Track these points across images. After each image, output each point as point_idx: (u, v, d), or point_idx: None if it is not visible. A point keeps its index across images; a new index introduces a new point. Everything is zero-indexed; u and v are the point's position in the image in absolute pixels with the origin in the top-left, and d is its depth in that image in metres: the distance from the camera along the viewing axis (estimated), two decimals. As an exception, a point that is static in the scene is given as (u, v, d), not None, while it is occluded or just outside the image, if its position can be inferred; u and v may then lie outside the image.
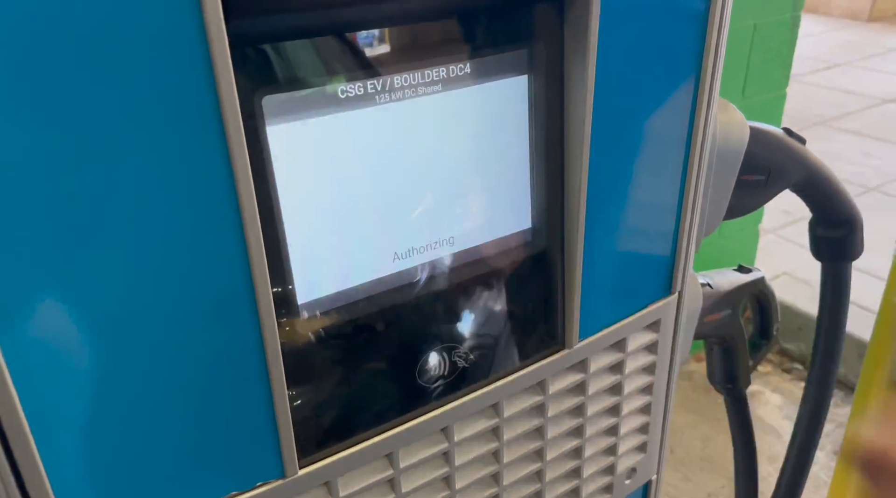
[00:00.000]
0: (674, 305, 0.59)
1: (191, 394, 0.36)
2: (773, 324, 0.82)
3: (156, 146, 0.31)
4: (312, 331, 0.40)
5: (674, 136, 0.51)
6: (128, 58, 0.29)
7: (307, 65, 0.36)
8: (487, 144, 0.44)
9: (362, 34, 0.37)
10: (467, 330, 0.47)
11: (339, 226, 0.40)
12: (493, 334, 0.48)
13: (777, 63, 1.66)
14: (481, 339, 0.48)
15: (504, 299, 0.48)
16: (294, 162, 0.37)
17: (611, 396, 0.57)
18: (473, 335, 0.47)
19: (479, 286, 0.47)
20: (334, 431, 0.43)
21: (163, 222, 0.32)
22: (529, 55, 0.43)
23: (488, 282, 0.47)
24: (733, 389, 0.82)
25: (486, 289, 0.47)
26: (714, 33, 0.48)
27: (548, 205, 0.47)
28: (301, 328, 0.40)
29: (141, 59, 0.29)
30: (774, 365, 2.02)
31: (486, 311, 0.48)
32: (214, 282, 0.35)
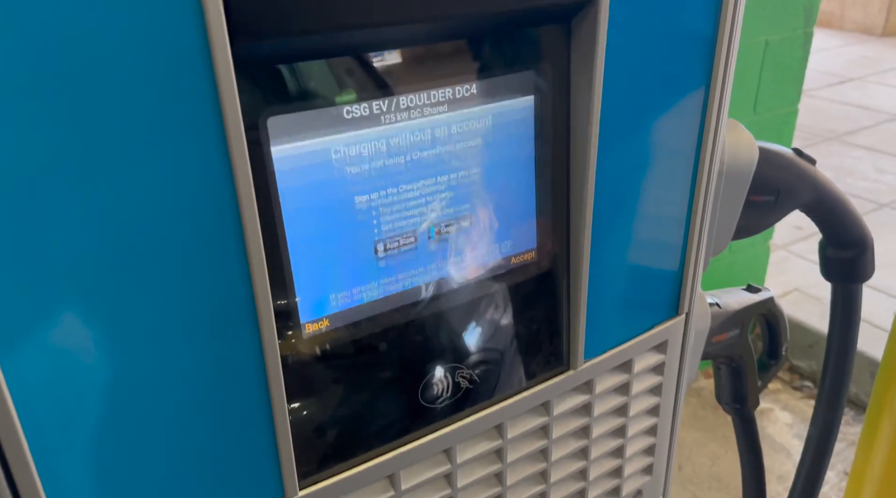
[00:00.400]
0: (681, 325, 0.58)
1: (190, 413, 0.36)
2: (783, 344, 0.81)
3: (160, 166, 0.31)
4: (314, 349, 0.40)
5: (681, 157, 0.51)
6: (133, 78, 0.29)
7: (313, 86, 0.36)
8: (493, 164, 0.43)
9: (368, 55, 0.37)
10: (471, 350, 0.46)
11: (342, 245, 0.40)
12: (497, 355, 0.48)
13: (789, 79, 1.65)
14: (485, 359, 0.47)
15: (508, 320, 0.48)
16: (298, 181, 0.37)
17: (616, 418, 0.57)
18: (477, 355, 0.47)
19: (483, 306, 0.46)
20: (335, 452, 0.42)
21: (165, 241, 0.32)
22: (535, 76, 0.43)
23: (492, 302, 0.47)
24: (741, 410, 0.81)
25: (491, 309, 0.47)
26: (722, 54, 0.48)
27: (553, 225, 0.47)
28: (303, 347, 0.40)
29: (146, 80, 0.30)
30: (785, 383, 2.00)
31: (491, 331, 0.47)
32: (216, 300, 0.34)
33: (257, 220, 0.34)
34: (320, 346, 0.41)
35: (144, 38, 0.29)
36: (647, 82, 0.46)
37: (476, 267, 0.45)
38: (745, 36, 1.50)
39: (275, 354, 0.37)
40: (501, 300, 0.47)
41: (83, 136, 0.29)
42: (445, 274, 0.44)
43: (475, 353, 0.47)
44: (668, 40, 0.45)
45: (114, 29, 0.28)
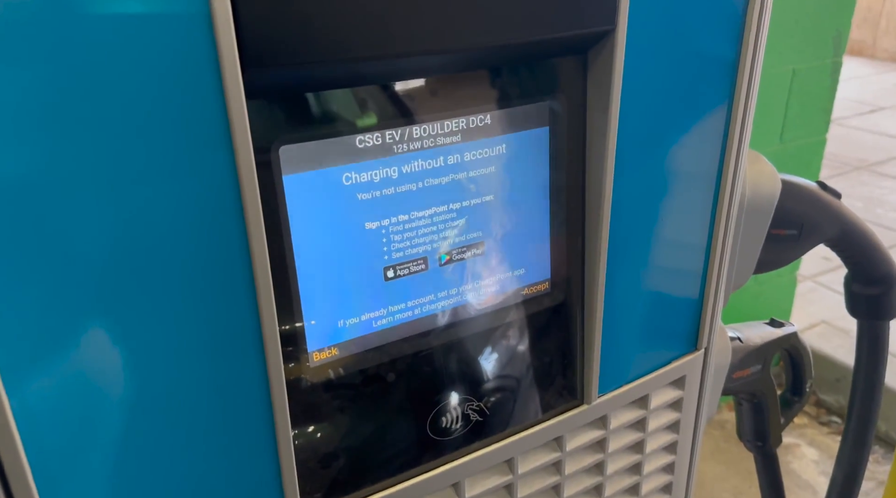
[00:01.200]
0: (700, 361, 0.57)
1: (193, 439, 0.36)
2: (807, 380, 0.79)
3: (170, 190, 0.31)
4: (322, 379, 0.40)
5: (701, 189, 0.50)
6: (144, 104, 0.29)
7: (325, 115, 0.36)
8: (506, 193, 0.43)
9: (382, 86, 0.37)
10: (482, 382, 0.46)
11: (353, 275, 0.39)
12: (508, 388, 0.47)
13: (817, 108, 1.63)
14: (496, 391, 0.46)
15: (521, 352, 0.47)
16: (309, 207, 0.37)
17: (632, 454, 0.55)
18: (488, 388, 0.46)
19: (494, 337, 0.46)
20: (341, 482, 0.42)
21: (171, 265, 0.32)
22: (551, 107, 0.43)
23: (505, 334, 0.46)
24: (763, 447, 0.79)
25: (503, 341, 0.46)
26: (744, 83, 0.47)
27: (568, 257, 0.46)
28: (310, 376, 0.39)
29: (157, 107, 0.30)
30: (811, 417, 1.96)
31: (502, 363, 0.46)
32: (221, 327, 0.34)
33: (265, 246, 0.33)
34: (328, 375, 0.40)
35: (156, 65, 0.29)
36: (665, 113, 0.45)
37: (488, 297, 0.44)
38: (772, 65, 1.49)
39: (280, 382, 0.36)
40: (514, 331, 0.46)
41: (92, 160, 0.29)
42: (456, 303, 0.43)
43: (486, 385, 0.46)
44: (687, 71, 0.45)
45: (126, 55, 0.28)
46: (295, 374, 0.39)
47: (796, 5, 1.46)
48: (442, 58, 0.36)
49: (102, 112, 0.29)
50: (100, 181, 0.30)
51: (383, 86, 0.37)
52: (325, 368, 0.40)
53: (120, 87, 0.29)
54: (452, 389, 0.44)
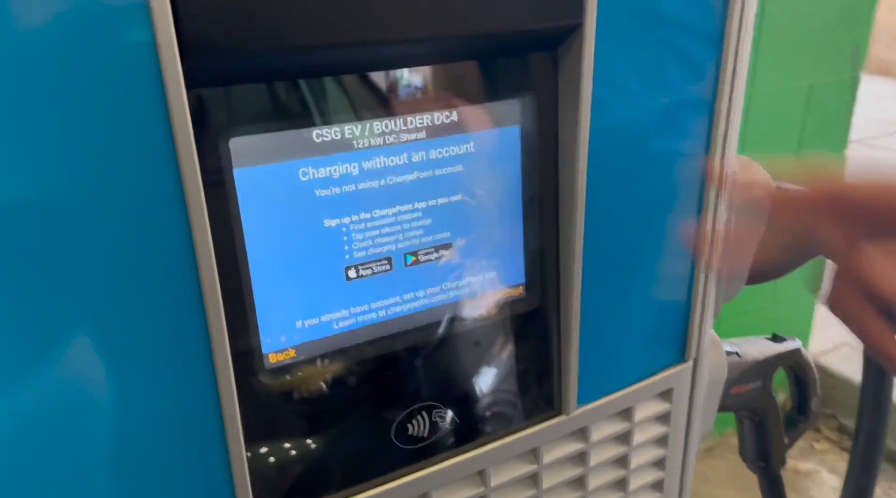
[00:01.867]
0: (688, 373, 0.55)
1: (136, 445, 0.35)
2: (812, 398, 0.76)
3: (110, 184, 0.30)
4: (278, 383, 0.39)
5: (682, 194, 0.48)
6: (82, 94, 0.29)
7: (278, 107, 0.35)
8: (476, 195, 0.42)
9: (341, 78, 0.36)
10: (451, 389, 0.44)
11: (311, 274, 0.38)
12: (480, 396, 0.45)
13: (834, 125, 1.60)
14: (467, 399, 0.45)
15: (494, 359, 0.46)
16: (263, 202, 0.36)
17: (616, 469, 0.53)
18: (457, 395, 0.44)
19: (465, 343, 0.44)
20: (299, 492, 0.40)
21: (110, 257, 0.31)
22: (522, 106, 0.42)
23: (477, 339, 0.45)
24: (766, 468, 0.76)
25: (474, 347, 0.45)
26: (727, 81, 0.46)
27: (542, 260, 0.45)
28: (265, 379, 0.38)
29: (95, 98, 0.29)
30: (832, 443, 1.90)
31: (473, 370, 0.45)
32: (165, 324, 0.33)
33: (209, 240, 0.32)
34: (284, 379, 0.39)
35: (93, 53, 0.28)
36: (641, 112, 0.44)
37: (458, 301, 0.43)
38: (787, 79, 1.47)
39: (229, 382, 0.35)
40: (486, 337, 0.45)
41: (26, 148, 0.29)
42: (424, 306, 0.42)
43: (455, 392, 0.44)
44: (663, 69, 0.43)
45: (63, 44, 0.28)
46: (248, 375, 0.37)
47: (812, 18, 1.43)
48: (396, 49, 0.35)
49: (37, 98, 0.28)
50: (35, 171, 0.29)
51: (341, 78, 0.36)
52: (282, 371, 0.39)
53: (57, 75, 0.28)
54: (419, 396, 0.43)
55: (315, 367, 0.40)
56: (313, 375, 0.40)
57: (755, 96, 1.43)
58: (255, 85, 0.34)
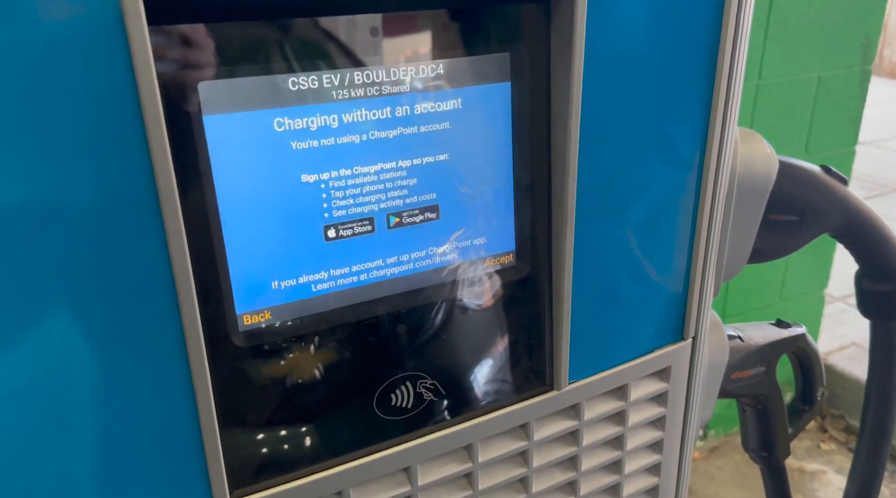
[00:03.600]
0: (686, 352, 0.53)
1: (102, 411, 0.33)
2: (818, 387, 0.73)
3: (68, 127, 0.29)
4: (251, 345, 0.37)
5: (680, 163, 0.46)
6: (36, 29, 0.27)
7: (251, 50, 0.33)
8: (464, 154, 0.40)
9: (318, 20, 0.34)
10: (436, 359, 0.42)
11: (288, 232, 0.36)
12: (467, 366, 0.43)
13: (844, 118, 1.57)
14: (453, 370, 0.43)
15: (482, 329, 0.44)
16: (236, 156, 0.34)
17: (611, 451, 0.51)
18: (443, 365, 0.43)
19: (452, 312, 0.42)
20: (274, 463, 0.39)
21: (76, 212, 0.30)
22: (513, 60, 0.40)
23: (464, 308, 0.43)
24: (770, 459, 0.74)
25: (461, 315, 0.43)
26: (728, 42, 0.44)
27: (533, 226, 0.43)
28: (238, 341, 0.36)
29: (50, 29, 0.27)
30: (840, 443, 1.87)
31: (460, 340, 0.43)
32: (130, 282, 0.32)
33: (174, 189, 0.31)
34: (260, 342, 0.37)
35: (48, -22, 0.27)
36: (636, 73, 0.42)
37: (444, 267, 0.41)
38: (796, 71, 1.44)
39: (199, 347, 0.34)
40: (474, 306, 0.43)
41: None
42: (407, 271, 0.40)
43: (441, 362, 0.42)
44: (661, 24, 0.41)
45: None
46: (220, 338, 0.36)
47: (822, 9, 1.41)
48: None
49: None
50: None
51: (321, 22, 0.34)
52: (257, 335, 0.37)
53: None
54: (403, 365, 0.41)
55: (292, 331, 0.38)
56: (290, 340, 0.38)
57: (763, 88, 1.41)
58: (228, 26, 0.32)
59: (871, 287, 0.63)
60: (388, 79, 0.37)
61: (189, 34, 0.31)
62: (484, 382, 0.44)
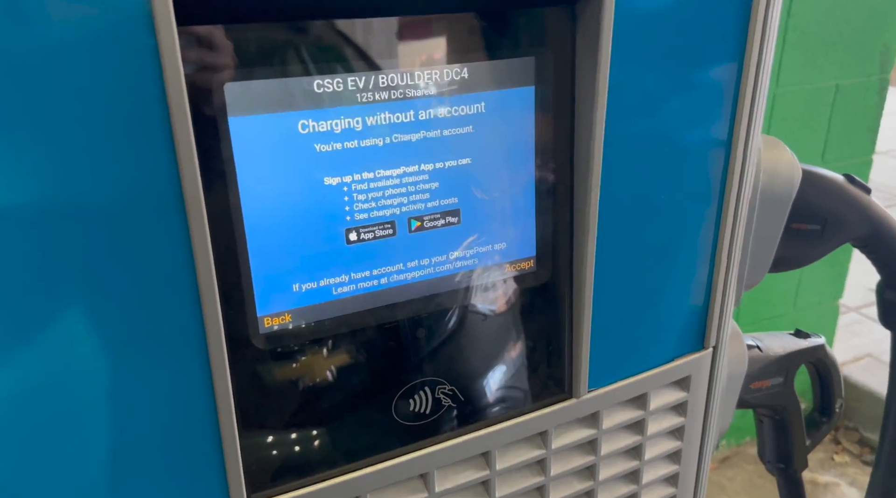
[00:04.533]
0: (707, 361, 0.52)
1: (120, 411, 0.33)
2: (836, 399, 0.73)
3: (95, 127, 0.29)
4: (272, 347, 0.37)
5: (704, 170, 0.46)
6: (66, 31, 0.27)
7: (278, 52, 0.33)
8: (486, 159, 0.40)
9: (345, 23, 0.34)
10: (455, 364, 0.42)
11: (310, 234, 0.36)
12: (486, 373, 0.43)
13: (862, 127, 1.56)
14: (472, 376, 0.43)
15: (501, 335, 0.43)
16: (261, 158, 0.34)
17: (629, 460, 0.51)
18: (462, 371, 0.42)
19: (471, 317, 0.42)
20: (291, 467, 0.38)
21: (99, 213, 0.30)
22: (537, 65, 0.39)
23: (483, 313, 0.42)
24: (786, 470, 0.73)
25: (481, 321, 0.42)
26: (754, 49, 0.43)
27: (554, 232, 0.43)
28: (259, 343, 0.36)
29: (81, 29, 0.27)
30: (853, 456, 1.85)
31: (479, 345, 0.43)
32: (152, 280, 0.31)
33: (199, 189, 0.31)
34: (280, 344, 0.37)
35: (78, -23, 0.27)
36: (662, 78, 0.41)
37: (464, 271, 0.41)
38: (814, 79, 1.43)
39: (220, 348, 0.33)
40: (493, 311, 0.43)
41: (9, 82, 0.27)
42: (428, 275, 0.40)
43: (460, 368, 0.42)
44: (688, 29, 0.41)
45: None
46: (240, 339, 0.36)
47: (840, 17, 1.40)
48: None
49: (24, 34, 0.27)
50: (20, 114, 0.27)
51: (346, 25, 0.34)
52: (277, 337, 0.37)
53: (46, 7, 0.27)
54: (422, 371, 0.41)
55: (312, 334, 0.38)
56: (310, 344, 0.38)
57: (780, 96, 1.40)
58: (255, 27, 0.32)
59: (894, 297, 0.63)
60: (413, 82, 0.36)
61: (217, 36, 0.31)
62: (502, 389, 0.44)
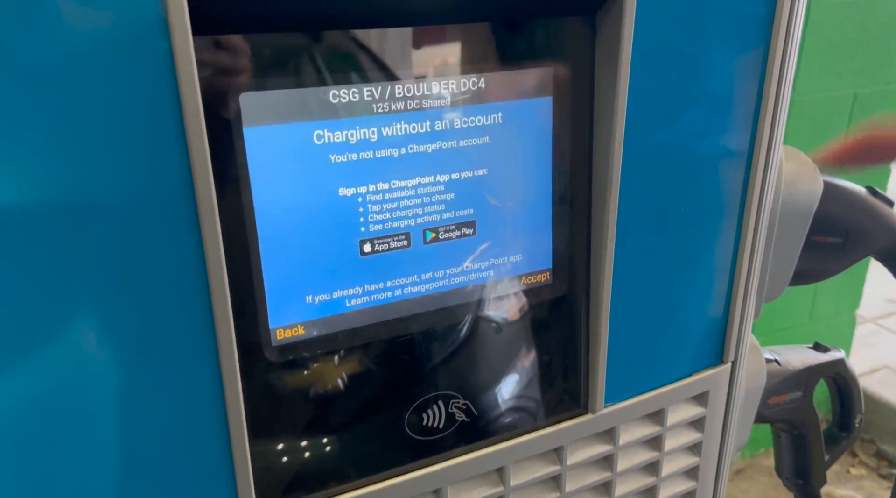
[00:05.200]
0: (726, 376, 0.51)
1: (136, 423, 0.32)
2: (856, 414, 0.71)
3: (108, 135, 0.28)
4: (285, 360, 0.36)
5: (724, 181, 0.45)
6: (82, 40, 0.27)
7: (295, 63, 0.33)
8: (503, 170, 0.39)
9: (361, 34, 0.34)
10: (469, 378, 0.41)
11: (324, 246, 0.36)
12: (500, 387, 0.42)
13: (880, 137, 1.54)
14: (486, 390, 0.42)
15: (516, 348, 0.43)
16: (275, 168, 0.33)
17: (645, 476, 0.50)
18: (476, 385, 0.42)
19: (486, 330, 0.41)
20: (302, 481, 0.38)
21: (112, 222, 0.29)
22: (556, 75, 0.39)
23: (498, 327, 0.42)
24: (805, 486, 0.71)
25: (495, 334, 0.42)
26: (776, 61, 0.42)
27: (571, 244, 0.42)
28: (271, 356, 0.36)
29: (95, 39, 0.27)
30: (870, 469, 1.82)
31: (494, 358, 0.42)
32: (164, 292, 0.31)
33: (213, 199, 0.30)
34: (292, 356, 0.36)
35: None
36: (683, 88, 0.40)
37: (479, 284, 0.40)
38: (831, 88, 1.42)
39: (232, 360, 0.33)
40: (508, 325, 0.42)
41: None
42: (442, 287, 0.39)
43: (474, 381, 0.41)
44: (709, 41, 0.40)
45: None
46: (253, 351, 0.35)
47: (858, 25, 1.38)
48: (420, 2, 0.33)
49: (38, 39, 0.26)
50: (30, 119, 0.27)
51: (363, 35, 0.34)
52: (290, 349, 0.36)
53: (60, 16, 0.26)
54: (435, 384, 0.40)
55: (324, 346, 0.37)
56: (322, 356, 0.37)
57: (797, 104, 1.38)
58: (271, 38, 0.32)
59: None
60: (429, 92, 0.36)
61: (232, 45, 0.31)
62: (517, 404, 0.43)
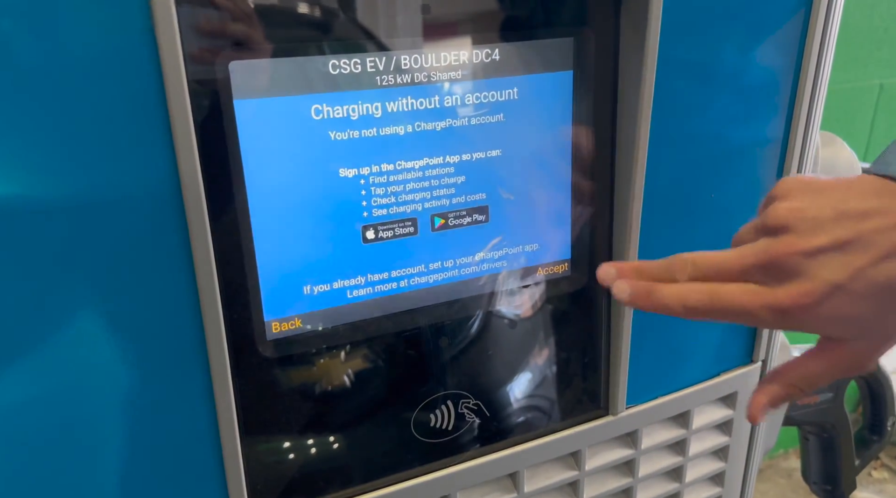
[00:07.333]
0: (755, 376, 0.48)
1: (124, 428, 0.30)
2: (888, 417, 0.67)
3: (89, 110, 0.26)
4: (281, 355, 0.33)
5: (757, 167, 0.42)
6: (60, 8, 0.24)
7: (289, 29, 0.30)
8: (519, 151, 0.36)
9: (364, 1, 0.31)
10: (481, 377, 0.38)
11: (323, 231, 0.33)
12: (513, 385, 0.39)
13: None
14: (499, 390, 0.39)
15: (532, 344, 0.40)
16: (269, 145, 0.30)
17: (668, 482, 0.47)
18: (489, 384, 0.39)
19: (499, 325, 0.38)
20: (299, 486, 0.35)
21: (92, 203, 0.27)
22: (577, 47, 0.36)
23: (511, 319, 0.39)
24: (833, 492, 0.68)
25: (510, 329, 0.39)
26: (815, 41, 0.39)
27: (592, 233, 0.39)
28: (266, 351, 0.33)
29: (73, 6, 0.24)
30: (893, 471, 1.77)
31: (508, 356, 0.39)
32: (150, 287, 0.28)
33: (199, 178, 0.27)
34: (289, 352, 0.34)
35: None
36: (715, 64, 0.37)
37: (492, 274, 0.37)
38: (857, 78, 1.37)
39: (222, 358, 0.30)
40: (523, 319, 0.39)
41: None
42: (452, 278, 0.36)
43: (486, 380, 0.38)
44: (743, 13, 0.37)
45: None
46: (245, 347, 0.32)
47: (886, 14, 1.34)
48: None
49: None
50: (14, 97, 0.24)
51: (366, 3, 0.31)
52: (286, 344, 0.33)
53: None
54: (444, 383, 0.37)
55: (324, 341, 0.34)
56: (322, 352, 0.34)
57: (821, 95, 1.34)
58: (264, 2, 0.29)
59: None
60: (438, 64, 0.33)
61: (220, 5, 0.28)
62: (532, 404, 0.40)
